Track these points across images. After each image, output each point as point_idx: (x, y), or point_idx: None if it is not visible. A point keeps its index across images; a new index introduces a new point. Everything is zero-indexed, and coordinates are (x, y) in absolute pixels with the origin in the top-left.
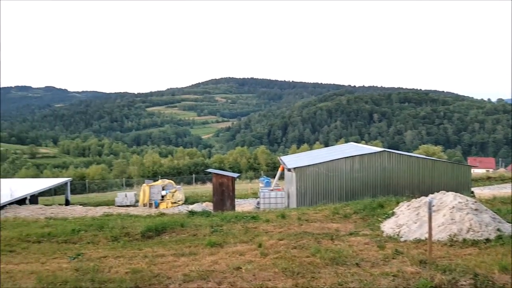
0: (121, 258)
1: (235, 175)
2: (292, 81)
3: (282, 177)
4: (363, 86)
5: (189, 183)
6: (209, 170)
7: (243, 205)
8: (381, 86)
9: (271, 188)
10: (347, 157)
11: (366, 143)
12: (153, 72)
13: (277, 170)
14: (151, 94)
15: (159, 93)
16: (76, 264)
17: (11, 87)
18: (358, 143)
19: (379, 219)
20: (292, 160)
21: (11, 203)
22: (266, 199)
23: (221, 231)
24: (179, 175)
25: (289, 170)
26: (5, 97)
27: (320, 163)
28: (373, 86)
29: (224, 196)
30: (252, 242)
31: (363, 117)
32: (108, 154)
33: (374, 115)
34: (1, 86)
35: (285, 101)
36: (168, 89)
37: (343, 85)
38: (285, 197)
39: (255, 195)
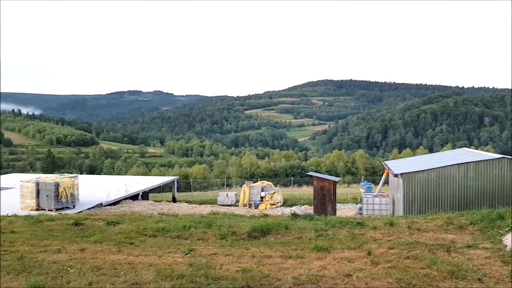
0: (230, 256)
1: (337, 179)
2: (394, 82)
3: (386, 183)
4: (473, 87)
5: (285, 185)
6: (310, 173)
7: (342, 210)
8: (493, 87)
9: (374, 193)
10: (461, 163)
11: (476, 149)
12: (252, 76)
13: (378, 175)
14: (249, 97)
15: (257, 96)
16: (189, 259)
17: (124, 91)
18: (467, 148)
19: (501, 231)
20: (397, 165)
21: (125, 198)
22: (369, 205)
23: (326, 236)
24: (275, 177)
25: (395, 175)
26: (119, 100)
27: (430, 169)
28: (484, 87)
29: (325, 200)
30: (361, 249)
31: (472, 121)
32: (209, 155)
33: (485, 118)
34: (116, 91)
35: (385, 103)
36: (265, 92)
37: (450, 86)
38: (390, 204)
39: (354, 200)
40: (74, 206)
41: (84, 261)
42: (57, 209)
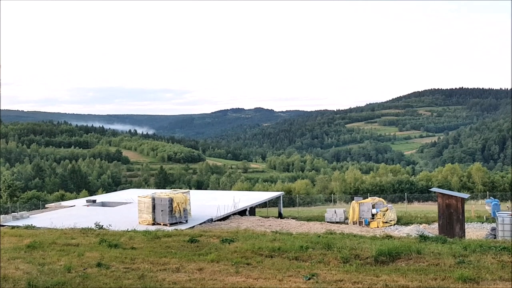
0: (359, 284)
1: (465, 196)
2: (511, 88)
3: None
4: None
5: (393, 201)
6: (433, 189)
7: (467, 230)
8: None
9: (510, 213)
10: None
11: None
12: (353, 89)
13: (498, 190)
14: (350, 110)
15: (358, 109)
16: (313, 285)
17: (227, 109)
18: None
19: None
20: None
21: (234, 214)
22: (506, 226)
23: (469, 263)
24: (382, 192)
25: None
26: (223, 118)
27: None
28: None
29: (452, 220)
30: None
31: None
32: (310, 170)
33: None
34: (220, 109)
35: (502, 112)
36: (367, 104)
37: None
38: None
39: (479, 219)
40: (186, 221)
41: (203, 282)
42: (171, 224)
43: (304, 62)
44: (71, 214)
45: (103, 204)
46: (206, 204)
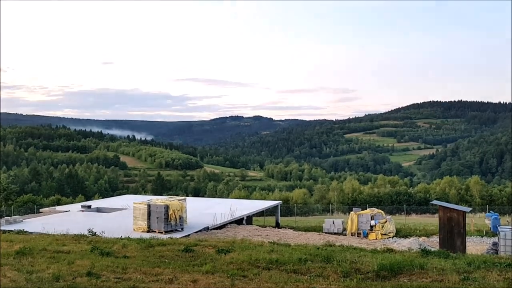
0: None
1: (467, 209)
2: (509, 102)
3: None
4: None
5: (390, 212)
6: (434, 202)
7: (466, 244)
8: None
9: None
10: None
11: None
12: (352, 100)
13: (496, 204)
14: (349, 120)
15: (357, 120)
16: None
17: (226, 117)
18: None
19: None
20: None
21: (230, 222)
22: (508, 241)
23: (474, 280)
24: (379, 203)
25: None
26: (222, 126)
27: None
28: None
29: (453, 233)
30: None
31: None
32: (308, 179)
33: None
34: (219, 117)
35: (500, 125)
36: (366, 115)
37: None
38: None
39: (479, 232)
40: (182, 228)
41: None
42: (166, 231)
43: (304, 71)
44: (65, 219)
45: (98, 210)
46: (203, 212)
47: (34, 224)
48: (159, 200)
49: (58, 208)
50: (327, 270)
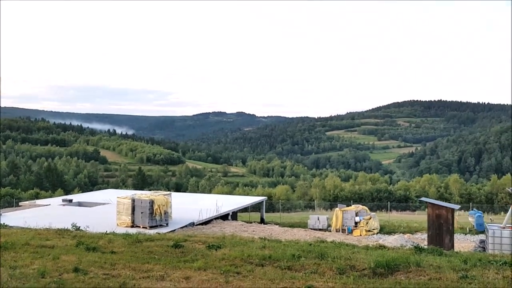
0: None
1: (456, 206)
2: (488, 103)
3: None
4: None
5: (371, 209)
6: (423, 199)
7: None
8: None
9: (502, 225)
10: None
11: None
12: (333, 97)
13: (474, 202)
14: (331, 118)
15: (339, 117)
16: None
17: (209, 113)
18: None
19: None
20: None
21: (216, 218)
22: (496, 238)
23: (472, 278)
24: (360, 200)
25: None
26: (204, 121)
27: None
28: None
29: (441, 231)
30: None
31: None
32: (290, 176)
33: None
34: (201, 112)
35: (478, 125)
36: (348, 113)
37: None
38: None
39: (462, 230)
40: (167, 224)
41: None
42: (151, 227)
43: (287, 68)
44: (46, 213)
45: (80, 204)
46: (187, 207)
47: (13, 217)
48: (143, 195)
49: (38, 202)
50: (322, 267)
